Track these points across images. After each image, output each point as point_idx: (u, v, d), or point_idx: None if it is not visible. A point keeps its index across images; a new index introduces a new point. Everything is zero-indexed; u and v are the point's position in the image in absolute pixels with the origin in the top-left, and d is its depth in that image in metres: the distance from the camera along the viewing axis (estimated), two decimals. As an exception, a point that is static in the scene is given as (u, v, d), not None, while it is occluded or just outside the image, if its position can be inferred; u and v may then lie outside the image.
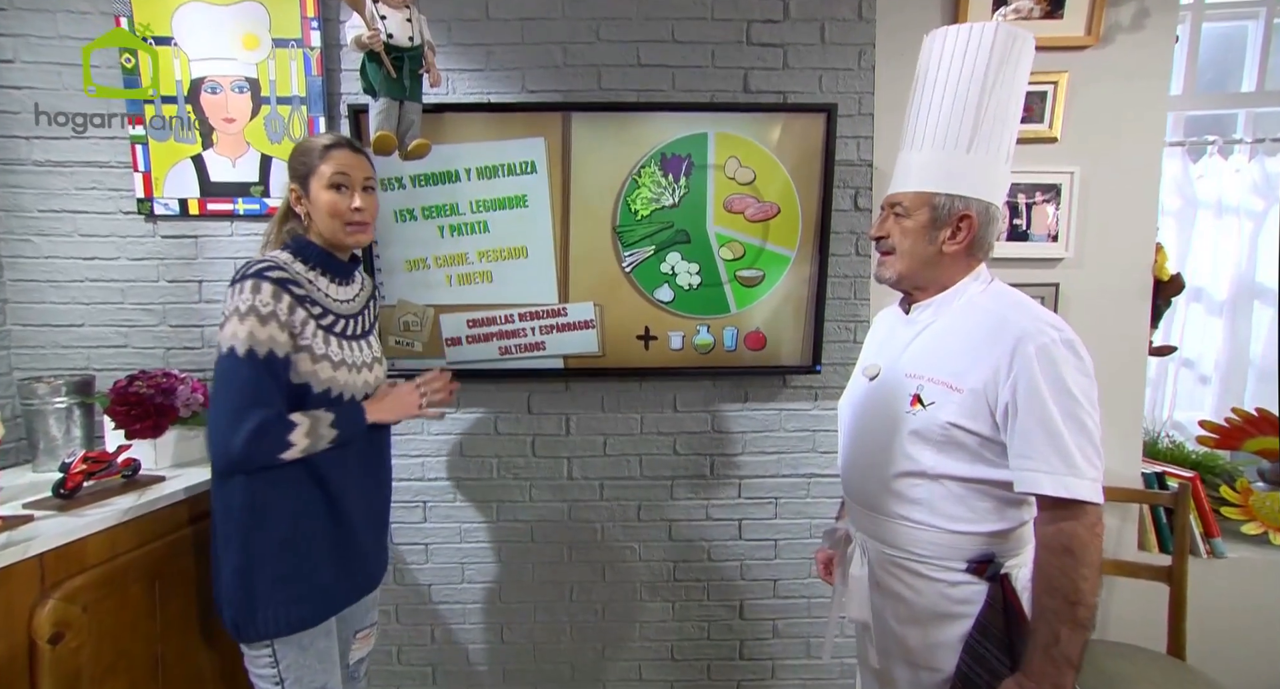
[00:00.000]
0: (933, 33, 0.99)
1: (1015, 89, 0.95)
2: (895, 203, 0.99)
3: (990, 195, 0.94)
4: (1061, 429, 0.83)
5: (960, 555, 0.92)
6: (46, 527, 1.08)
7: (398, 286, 1.59)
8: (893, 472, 0.96)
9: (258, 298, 0.97)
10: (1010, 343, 0.86)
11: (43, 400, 1.38)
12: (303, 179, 1.08)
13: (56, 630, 1.04)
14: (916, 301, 1.02)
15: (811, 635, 1.80)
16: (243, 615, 1.03)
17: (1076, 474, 0.83)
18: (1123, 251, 1.67)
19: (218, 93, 1.54)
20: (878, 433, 0.99)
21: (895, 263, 0.99)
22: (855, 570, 1.03)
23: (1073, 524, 0.83)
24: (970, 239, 0.94)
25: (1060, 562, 0.82)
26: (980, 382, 0.88)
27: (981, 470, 0.90)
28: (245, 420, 0.94)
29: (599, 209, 1.56)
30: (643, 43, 1.61)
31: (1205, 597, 1.66)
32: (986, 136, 0.93)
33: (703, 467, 1.74)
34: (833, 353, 1.70)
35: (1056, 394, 0.83)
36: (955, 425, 0.89)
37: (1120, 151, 1.64)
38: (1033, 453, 0.84)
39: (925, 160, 0.97)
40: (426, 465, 1.71)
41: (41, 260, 1.61)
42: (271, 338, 0.97)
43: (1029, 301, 0.93)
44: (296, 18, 1.53)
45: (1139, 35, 1.62)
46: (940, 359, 0.94)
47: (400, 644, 1.76)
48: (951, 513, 0.92)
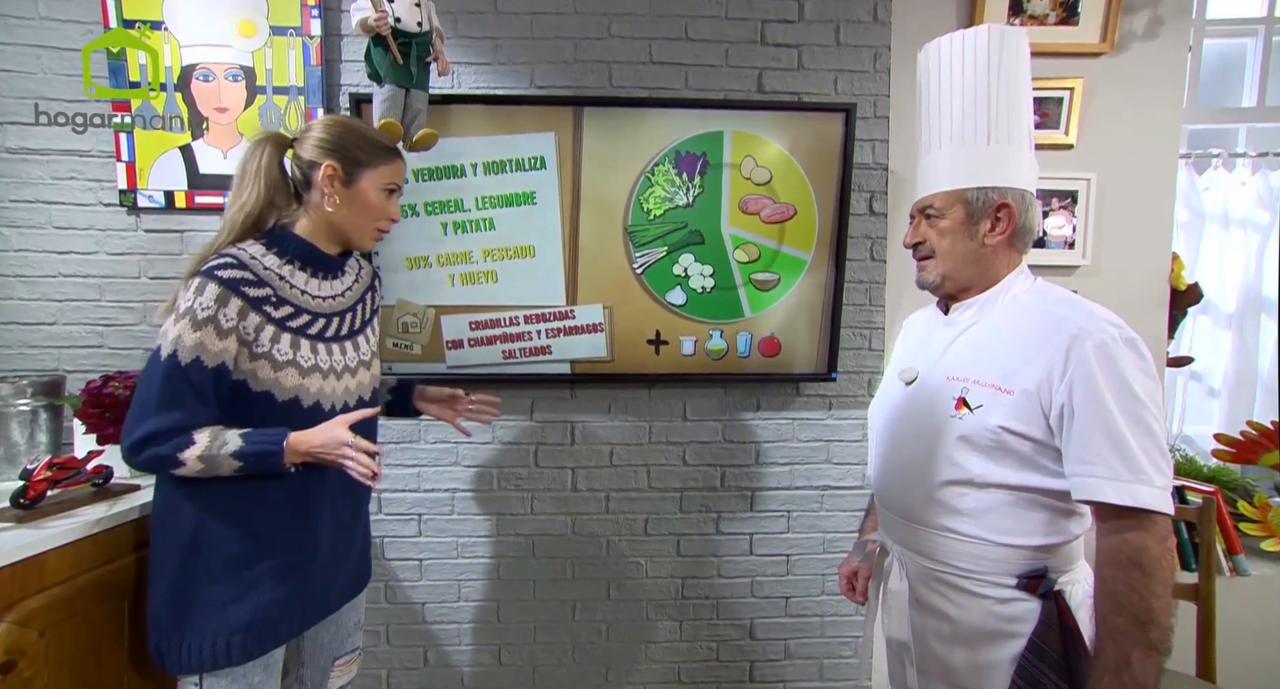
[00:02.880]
0: (926, 46, 1.01)
1: (1019, 82, 0.94)
2: (926, 206, 0.97)
3: (1022, 182, 0.92)
4: (1125, 432, 0.77)
5: (1009, 570, 0.86)
6: (3, 540, 0.98)
7: (397, 286, 1.51)
8: (937, 480, 0.90)
9: (199, 300, 0.88)
10: (1065, 341, 0.81)
11: (5, 402, 1.27)
12: (353, 164, 0.99)
13: (8, 658, 0.93)
14: (958, 302, 0.97)
15: (825, 657, 1.71)
16: (169, 642, 0.92)
17: (1144, 481, 0.76)
18: (1139, 260, 1.64)
19: (210, 81, 1.46)
20: (919, 440, 0.93)
21: (937, 265, 0.96)
22: (895, 586, 0.98)
23: (1141, 535, 0.76)
24: (1012, 228, 0.91)
25: (1129, 577, 0.75)
26: (1033, 382, 0.82)
27: (1034, 478, 0.85)
28: (142, 424, 0.87)
29: (610, 207, 1.50)
30: (655, 40, 1.56)
31: (1231, 616, 1.61)
32: (1004, 127, 0.92)
33: (713, 478, 1.67)
34: (847, 361, 1.64)
35: (1119, 394, 0.78)
36: (1006, 429, 0.84)
37: (1136, 159, 1.63)
38: (1094, 458, 0.78)
39: (947, 159, 0.95)
40: (422, 476, 1.61)
41: (11, 254, 1.51)
42: (201, 344, 0.87)
43: (1082, 298, 0.89)
44: (296, 5, 1.46)
45: (1153, 43, 1.62)
46: (987, 360, 0.89)
47: (390, 668, 1.64)
48: (1001, 525, 0.86)
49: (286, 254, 0.98)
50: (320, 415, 0.96)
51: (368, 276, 1.14)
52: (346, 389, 1.02)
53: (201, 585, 0.92)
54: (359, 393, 1.05)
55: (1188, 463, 1.99)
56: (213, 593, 0.92)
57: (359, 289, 1.10)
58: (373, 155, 1.01)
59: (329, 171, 0.97)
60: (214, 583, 0.92)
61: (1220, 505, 1.71)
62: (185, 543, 0.92)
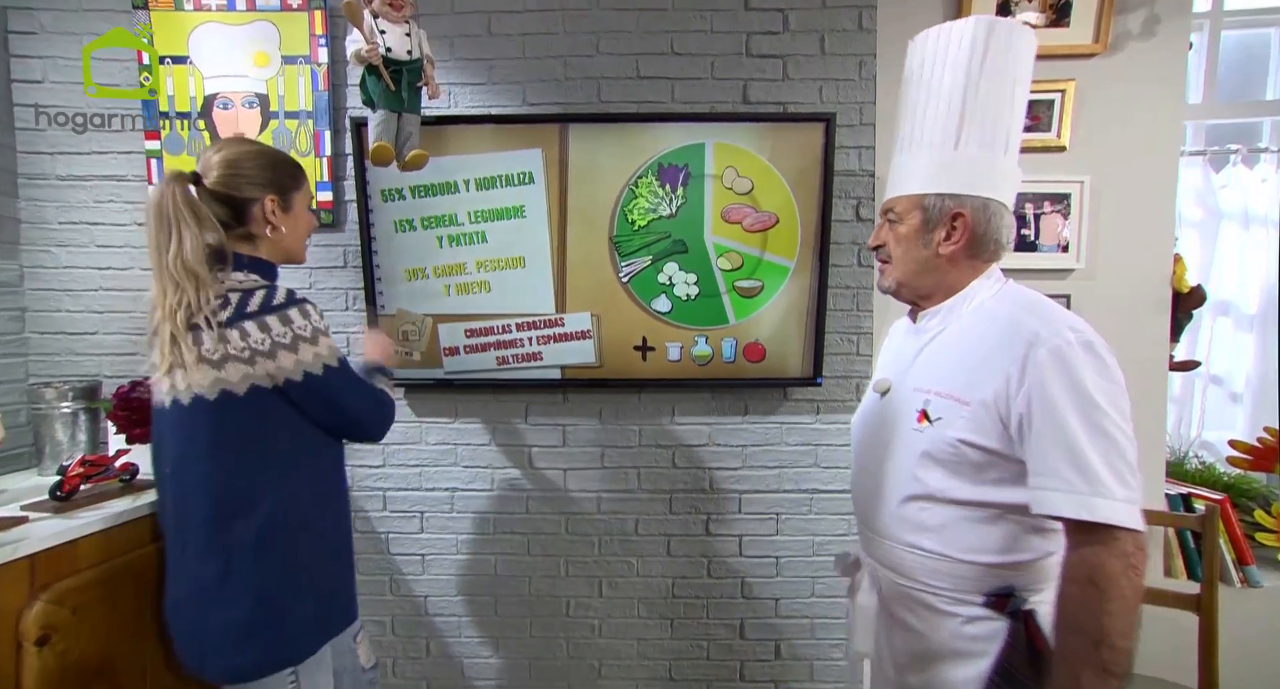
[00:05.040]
0: (915, 38, 0.97)
1: (1007, 78, 0.88)
2: (889, 209, 0.95)
3: (988, 190, 0.87)
4: (1082, 441, 0.73)
5: (976, 588, 0.83)
6: (40, 528, 1.10)
7: (398, 296, 1.61)
8: (900, 495, 0.88)
9: (319, 321, 1.01)
10: (1022, 348, 0.78)
11: (50, 405, 1.41)
12: (286, 192, 1.05)
13: (44, 632, 1.05)
14: (923, 310, 0.96)
15: (815, 658, 1.73)
16: (274, 645, 0.97)
17: (1101, 494, 0.72)
18: (1138, 263, 1.61)
19: (229, 108, 1.59)
20: (885, 452, 0.92)
21: (892, 270, 0.95)
22: (862, 599, 0.96)
23: (1098, 551, 0.72)
24: (966, 239, 0.88)
25: (1083, 594, 0.72)
26: (990, 393, 0.80)
27: (996, 493, 0.81)
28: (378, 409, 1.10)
29: (596, 219, 1.56)
30: (642, 56, 1.62)
31: (1239, 627, 1.56)
32: (978, 130, 0.88)
33: (702, 481, 1.71)
34: (835, 365, 1.66)
35: (1075, 402, 0.74)
36: (965, 442, 0.81)
37: (1133, 160, 1.59)
38: (1049, 470, 0.74)
39: (915, 162, 0.93)
40: (424, 475, 1.71)
41: (60, 270, 1.66)
42: (335, 344, 1.05)
43: (1045, 302, 0.85)
44: (305, 35, 1.58)
45: (1150, 42, 1.58)
46: (948, 370, 0.87)
47: (395, 657, 1.74)
48: (965, 541, 0.83)
49: (271, 278, 1.05)
50: None
51: None
52: None
53: (310, 577, 1.01)
54: None
55: (1206, 470, 1.93)
56: (320, 581, 1.03)
57: None
58: (297, 178, 1.07)
59: (272, 204, 1.03)
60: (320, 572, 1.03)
61: (1229, 515, 1.66)
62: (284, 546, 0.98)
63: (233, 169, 1.00)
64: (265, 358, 0.94)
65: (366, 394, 1.08)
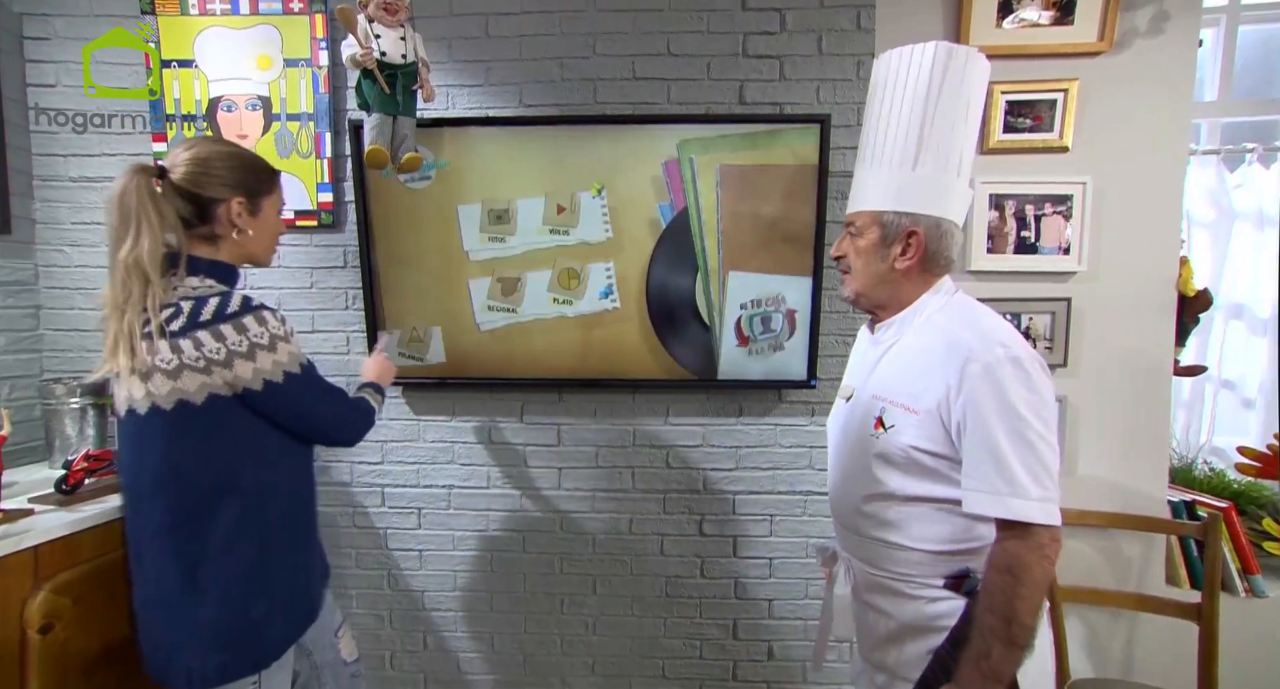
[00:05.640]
0: (879, 56, 1.03)
1: (960, 103, 0.95)
2: (850, 222, 1.01)
3: (940, 210, 0.94)
4: (1005, 449, 0.82)
5: (937, 573, 0.93)
6: (44, 521, 1.14)
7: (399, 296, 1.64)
8: (863, 494, 0.96)
9: (280, 328, 0.98)
10: (959, 363, 0.86)
11: (59, 401, 1.46)
12: (255, 195, 1.02)
13: (46, 621, 1.09)
14: (880, 321, 1.02)
15: (808, 660, 1.73)
16: (240, 650, 0.97)
17: (1019, 495, 0.81)
18: (1143, 265, 1.58)
19: (233, 111, 1.62)
20: (851, 456, 1.00)
21: (852, 281, 1.01)
22: (839, 589, 1.04)
23: (1016, 544, 0.82)
24: (920, 255, 0.94)
25: (1001, 580, 0.82)
26: (934, 402, 0.88)
27: (945, 490, 0.90)
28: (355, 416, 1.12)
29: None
30: (638, 56, 1.62)
31: (1242, 638, 1.53)
32: (933, 153, 0.94)
33: (695, 481, 1.71)
34: (830, 368, 1.65)
35: (1001, 413, 0.82)
36: (915, 448, 0.89)
37: (1139, 161, 1.56)
38: (976, 473, 0.84)
39: (876, 179, 0.98)
40: (422, 472, 1.73)
41: (73, 269, 1.71)
42: (299, 349, 1.03)
43: (983, 317, 0.92)
44: (306, 38, 1.60)
45: (1157, 40, 1.55)
46: (900, 380, 0.94)
47: (392, 650, 1.77)
48: (922, 533, 0.92)
49: (230, 282, 1.02)
50: None
51: None
52: None
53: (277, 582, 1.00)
54: None
55: (1215, 477, 1.89)
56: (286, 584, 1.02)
57: None
58: (267, 181, 1.05)
59: (238, 207, 1.00)
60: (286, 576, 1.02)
61: (1235, 523, 1.62)
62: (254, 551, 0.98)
63: (201, 167, 0.98)
64: (221, 367, 0.92)
65: (337, 400, 1.08)
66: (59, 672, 1.11)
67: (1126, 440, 1.61)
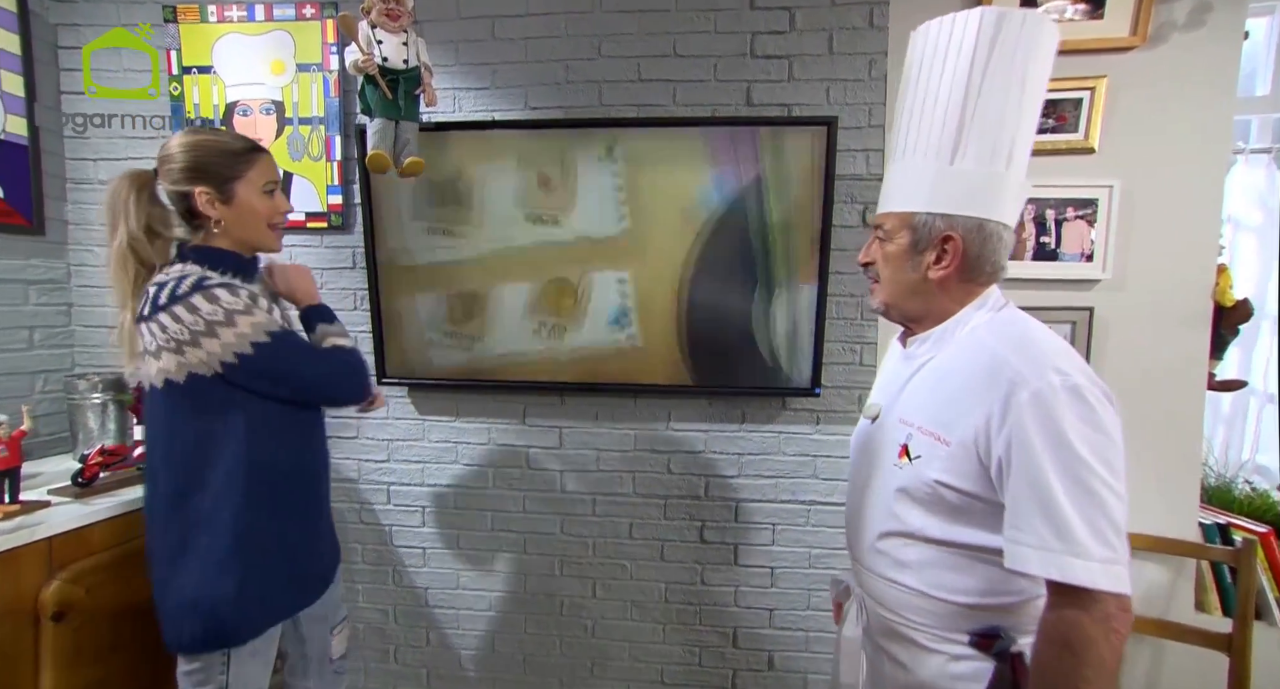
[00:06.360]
0: (916, 30, 0.88)
1: (1013, 80, 0.79)
2: (878, 224, 0.88)
3: (984, 210, 0.80)
4: (1059, 495, 0.68)
5: (959, 627, 0.80)
6: (59, 513, 1.20)
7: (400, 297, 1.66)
8: (879, 530, 0.85)
9: (232, 303, 0.96)
10: (1004, 389, 0.72)
11: (82, 395, 1.53)
12: (223, 182, 1.01)
13: (60, 609, 1.14)
14: (914, 335, 0.89)
15: (810, 672, 1.70)
16: (207, 625, 0.99)
17: (1078, 554, 0.67)
18: (1175, 273, 1.49)
19: (248, 115, 1.66)
20: (869, 485, 0.89)
21: (880, 291, 0.89)
22: (848, 631, 0.93)
23: (1076, 614, 0.68)
24: (958, 263, 0.81)
25: (1059, 659, 0.68)
26: (970, 434, 0.75)
27: (976, 535, 0.77)
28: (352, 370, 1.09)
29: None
30: (644, 58, 1.60)
31: (1276, 671, 1.44)
32: (977, 142, 0.80)
33: (697, 487, 1.69)
34: (836, 375, 1.61)
35: (1055, 452, 0.69)
36: (942, 483, 0.77)
37: (1173, 162, 1.47)
38: (1023, 523, 0.70)
39: (907, 175, 0.85)
40: (426, 471, 1.76)
41: (101, 268, 1.79)
42: (271, 318, 1.01)
43: (1037, 336, 0.78)
44: (318, 44, 1.63)
45: (1197, 33, 1.45)
46: (932, 404, 0.81)
47: (397, 645, 1.81)
48: (946, 582, 0.80)
49: (220, 267, 1.03)
50: None
51: None
52: None
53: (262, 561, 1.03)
54: None
55: (1258, 497, 1.78)
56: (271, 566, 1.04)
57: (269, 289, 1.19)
58: (234, 165, 1.02)
59: (203, 197, 1.00)
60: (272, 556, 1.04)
61: (1272, 547, 1.52)
62: (238, 525, 1.00)
63: (165, 163, 1.02)
64: (190, 346, 0.95)
65: (318, 359, 1.07)
66: (71, 657, 1.16)
67: (1154, 458, 1.52)
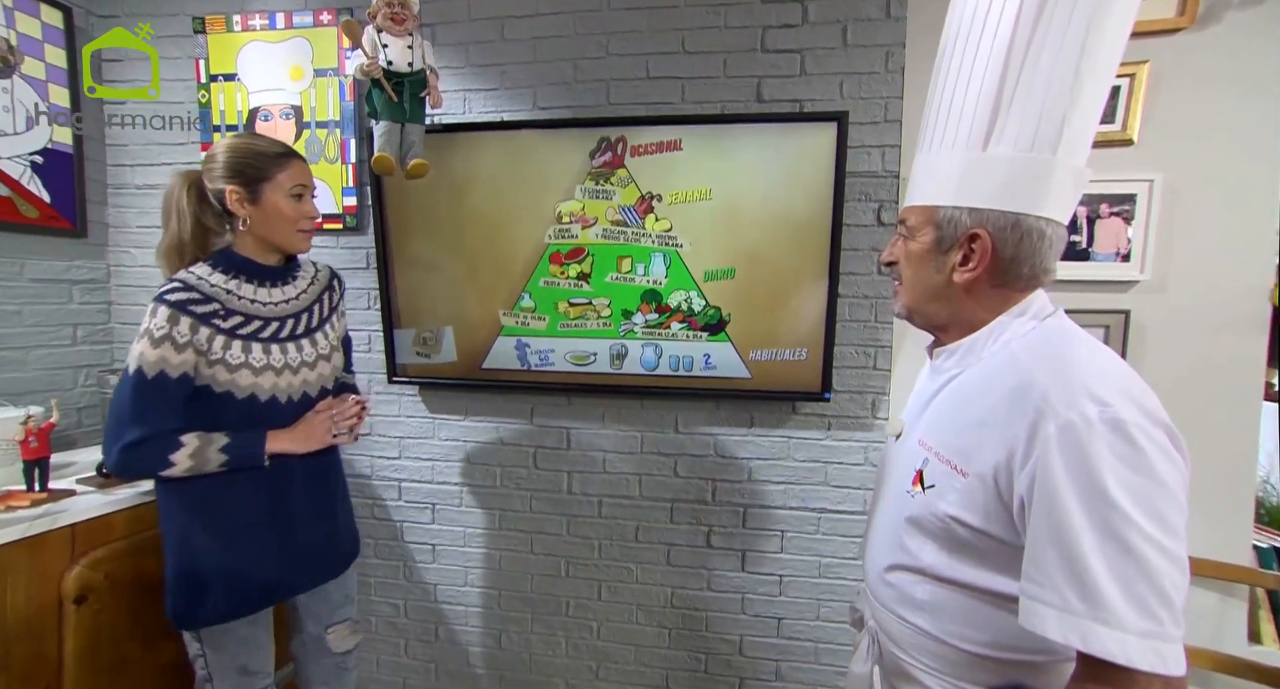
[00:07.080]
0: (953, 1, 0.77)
1: (1070, 46, 0.65)
2: (902, 220, 0.79)
3: (1023, 203, 0.67)
4: (1085, 549, 0.56)
5: (976, 679, 0.71)
6: (82, 501, 1.26)
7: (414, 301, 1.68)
8: (888, 562, 0.77)
9: (153, 322, 1.00)
10: (1030, 416, 0.61)
11: (113, 389, 1.61)
12: (252, 182, 1.07)
13: (81, 593, 1.20)
14: (941, 345, 0.79)
15: (818, 684, 1.65)
16: (179, 605, 1.08)
17: (1105, 621, 0.55)
18: (1226, 274, 1.37)
19: (269, 120, 1.72)
20: (884, 510, 0.81)
21: (902, 294, 0.79)
22: (857, 667, 0.84)
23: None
24: (987, 264, 0.69)
25: None
26: (990, 465, 0.64)
27: (992, 579, 0.67)
28: (124, 435, 0.99)
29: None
30: (652, 55, 1.57)
31: (1334, 711, 1.31)
32: (1017, 124, 0.68)
33: (704, 492, 1.66)
34: (849, 379, 1.56)
35: (1084, 497, 0.57)
36: (956, 520, 0.68)
37: (1225, 154, 1.35)
38: (1042, 576, 0.59)
39: (936, 165, 0.74)
40: (436, 469, 1.78)
41: (138, 269, 1.88)
42: (163, 359, 0.99)
43: (1078, 354, 0.65)
44: (334, 49, 1.67)
45: (1255, 11, 1.33)
46: (952, 428, 0.72)
47: (408, 638, 1.84)
48: (961, 630, 0.70)
49: (231, 271, 1.10)
50: (277, 408, 1.12)
51: (324, 278, 1.26)
52: (304, 381, 1.16)
53: (209, 559, 1.08)
54: (319, 384, 1.19)
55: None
56: (217, 564, 1.08)
57: (314, 291, 1.22)
58: (264, 167, 1.07)
59: (233, 196, 1.07)
60: (216, 556, 1.09)
61: (1331, 575, 1.39)
62: (182, 531, 1.08)
63: (208, 162, 1.09)
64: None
65: (117, 416, 1.01)
66: (92, 639, 1.23)
67: (1202, 475, 1.38)
